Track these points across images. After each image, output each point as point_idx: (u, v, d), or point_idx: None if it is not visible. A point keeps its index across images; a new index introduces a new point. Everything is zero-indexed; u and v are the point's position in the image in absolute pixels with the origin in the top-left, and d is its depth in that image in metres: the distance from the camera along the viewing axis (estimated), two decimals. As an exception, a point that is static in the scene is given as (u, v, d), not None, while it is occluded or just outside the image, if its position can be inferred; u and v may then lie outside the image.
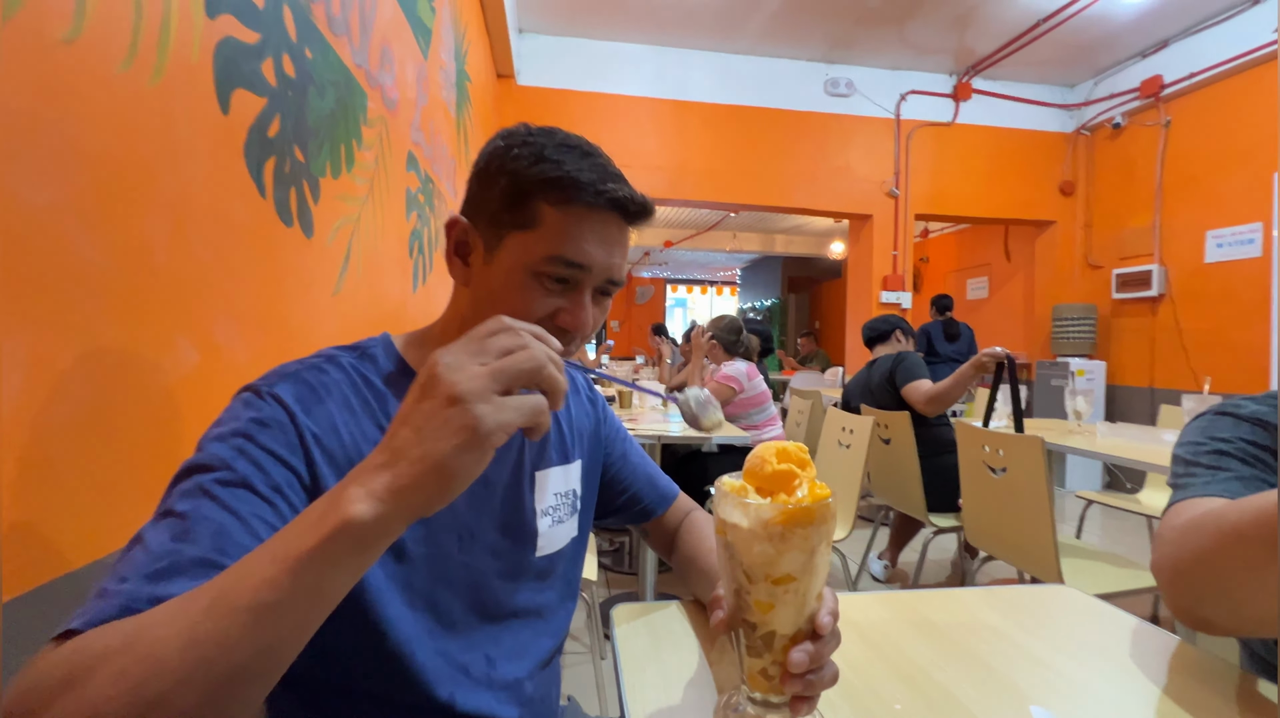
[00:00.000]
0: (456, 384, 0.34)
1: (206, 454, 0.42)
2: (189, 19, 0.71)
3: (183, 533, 0.37)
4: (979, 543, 1.87)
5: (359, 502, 0.32)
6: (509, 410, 0.35)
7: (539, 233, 0.52)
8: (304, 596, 0.31)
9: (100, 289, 0.58)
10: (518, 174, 0.52)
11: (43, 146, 0.51)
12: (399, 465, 0.33)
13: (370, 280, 1.40)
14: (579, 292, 0.54)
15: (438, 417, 0.34)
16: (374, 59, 1.37)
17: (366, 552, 0.33)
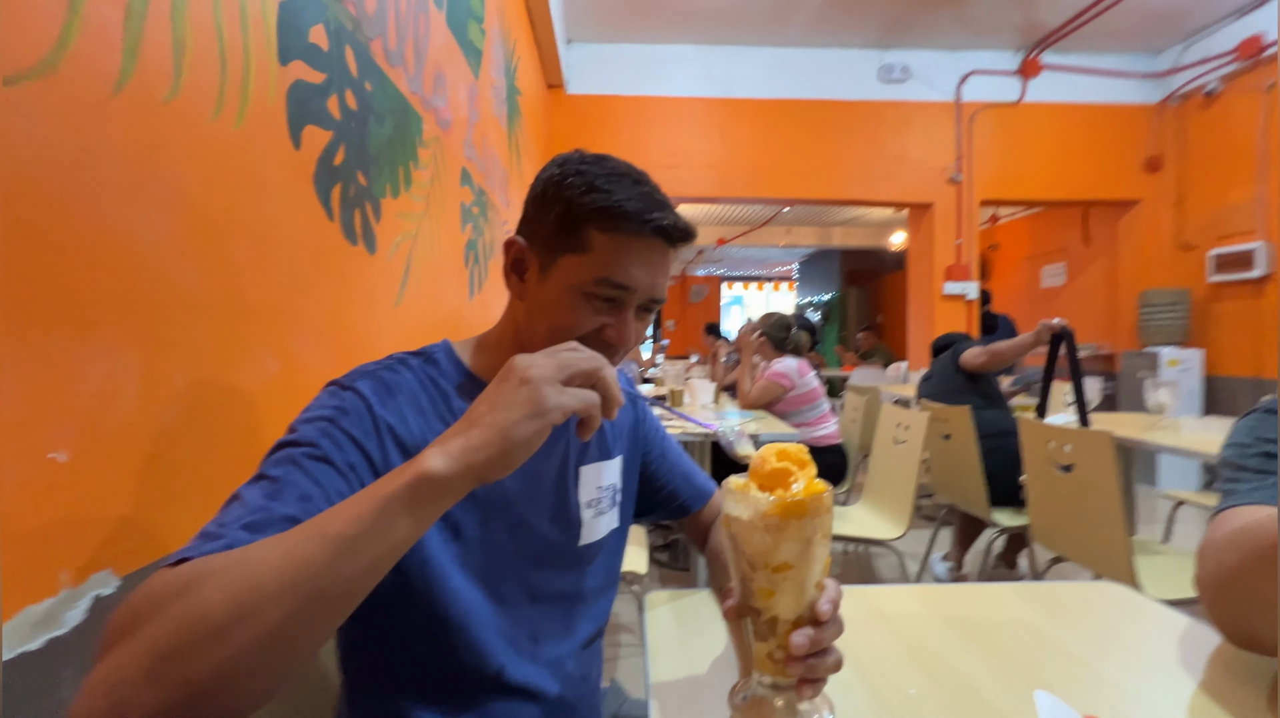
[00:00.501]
0: (528, 369, 0.42)
1: (298, 433, 0.50)
2: (265, 68, 0.80)
3: (274, 493, 0.44)
4: (1048, 543, 1.78)
5: (434, 458, 0.38)
6: (568, 395, 0.42)
7: (589, 257, 0.57)
8: (380, 533, 0.37)
9: (198, 311, 0.68)
10: (571, 202, 0.57)
11: (151, 192, 0.61)
12: (471, 431, 0.40)
13: (428, 291, 1.50)
14: (623, 310, 0.59)
15: (509, 393, 0.41)
16: (428, 84, 1.47)
17: (436, 501, 0.39)
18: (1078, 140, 4.39)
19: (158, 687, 0.32)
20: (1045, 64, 4.35)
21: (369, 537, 0.36)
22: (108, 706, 0.32)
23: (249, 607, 0.33)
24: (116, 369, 0.57)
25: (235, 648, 0.33)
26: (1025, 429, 1.80)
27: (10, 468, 0.46)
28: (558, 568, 0.66)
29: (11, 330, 0.46)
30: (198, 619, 0.33)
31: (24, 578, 0.47)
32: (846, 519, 2.12)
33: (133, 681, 0.32)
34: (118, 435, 0.56)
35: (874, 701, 0.50)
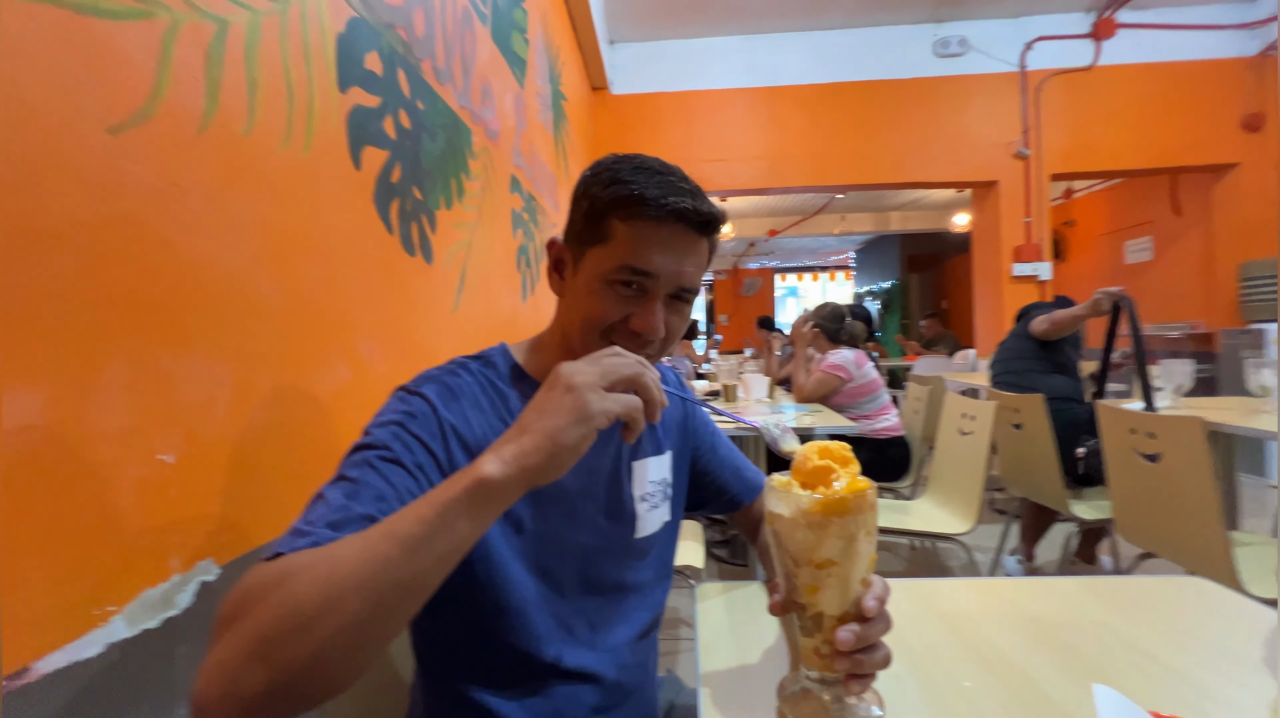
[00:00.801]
0: (573, 377, 0.44)
1: (372, 437, 0.54)
2: (327, 96, 0.87)
3: (353, 493, 0.49)
4: (1134, 538, 1.67)
5: (490, 464, 0.41)
6: (610, 400, 0.44)
7: (611, 246, 0.58)
8: (443, 533, 0.40)
9: (277, 324, 0.74)
10: (595, 197, 0.59)
11: (234, 219, 0.67)
12: (523, 438, 0.43)
13: (483, 296, 1.56)
14: (650, 298, 0.59)
15: (556, 400, 0.44)
16: (475, 98, 1.53)
17: (493, 503, 0.42)
18: (1162, 103, 4.05)
19: (263, 668, 0.36)
20: (1121, 23, 4.03)
21: (434, 536, 0.40)
22: (223, 685, 0.37)
23: (335, 598, 0.37)
24: (212, 380, 0.63)
25: (325, 634, 0.37)
26: (1105, 416, 1.68)
27: (128, 469, 0.53)
28: (614, 560, 0.68)
29: (125, 349, 0.53)
30: (293, 610, 0.38)
31: (143, 565, 0.54)
32: (911, 514, 2.05)
33: (242, 664, 0.37)
34: (214, 439, 0.63)
35: (927, 693, 0.49)
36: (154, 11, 0.57)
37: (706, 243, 0.62)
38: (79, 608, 0.48)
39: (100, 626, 0.49)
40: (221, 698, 0.37)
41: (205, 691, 0.37)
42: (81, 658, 0.48)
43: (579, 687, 0.64)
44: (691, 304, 0.65)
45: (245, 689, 0.36)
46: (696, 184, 0.61)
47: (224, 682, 0.37)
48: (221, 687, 0.37)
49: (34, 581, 0.45)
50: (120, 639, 0.51)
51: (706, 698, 0.50)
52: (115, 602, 0.51)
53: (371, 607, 0.38)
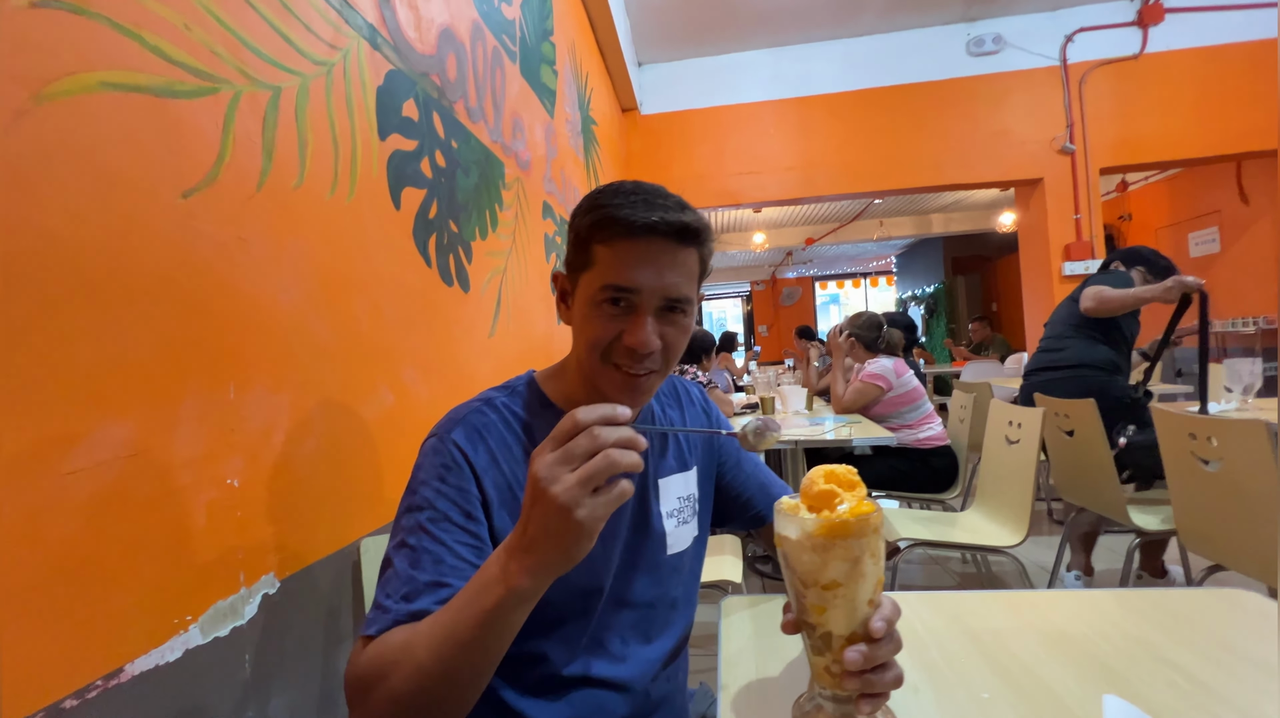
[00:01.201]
0: (558, 498, 0.45)
1: (419, 497, 0.60)
2: (368, 145, 0.94)
3: (414, 562, 0.56)
4: (1200, 550, 1.58)
5: (518, 577, 0.48)
6: (600, 507, 0.46)
7: (595, 269, 0.61)
8: (491, 635, 0.49)
9: (328, 357, 0.81)
10: (578, 227, 0.63)
11: (289, 264, 0.75)
12: (537, 552, 0.47)
13: (519, 320, 1.63)
14: (638, 313, 0.60)
15: (553, 523, 0.46)
16: (507, 132, 1.62)
17: (525, 605, 0.49)
18: (1220, 86, 3.84)
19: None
20: (1169, 7, 3.86)
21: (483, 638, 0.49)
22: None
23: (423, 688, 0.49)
24: (271, 410, 0.70)
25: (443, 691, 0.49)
26: (1161, 420, 1.61)
27: (202, 492, 0.59)
28: (645, 576, 0.71)
29: (198, 385, 0.60)
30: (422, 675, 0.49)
31: (215, 579, 0.60)
32: (959, 526, 1.99)
33: None
34: (274, 464, 0.69)
35: (944, 703, 0.50)
36: (218, 87, 0.64)
37: (693, 252, 0.62)
38: (163, 616, 0.54)
39: (180, 633, 0.56)
40: None
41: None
42: (165, 662, 0.54)
43: (609, 696, 0.67)
44: (688, 315, 0.64)
45: None
46: (678, 198, 0.62)
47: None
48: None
49: (127, 590, 0.51)
50: (195, 646, 0.57)
51: (725, 709, 0.52)
52: (193, 612, 0.57)
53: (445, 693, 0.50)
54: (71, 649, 0.47)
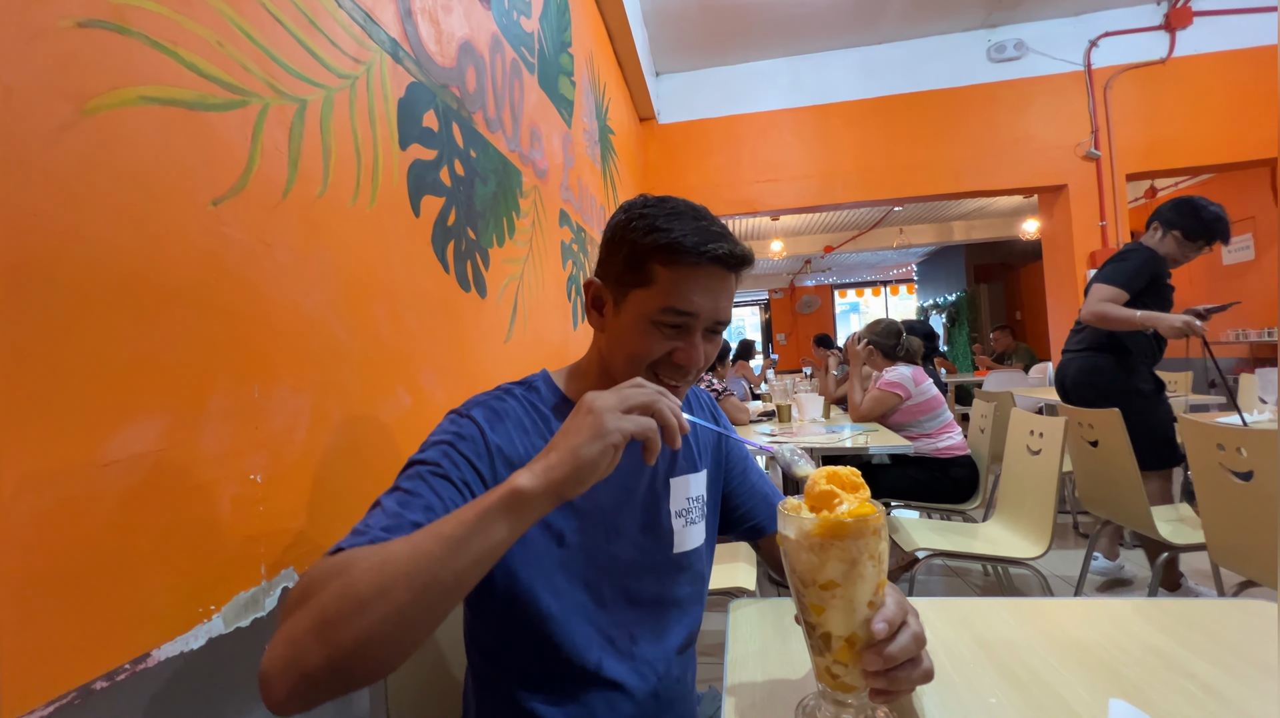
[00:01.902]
0: (594, 402, 0.50)
1: (425, 454, 0.61)
2: (389, 154, 0.98)
3: (405, 503, 0.56)
4: (1230, 564, 1.53)
5: (523, 477, 0.47)
6: (626, 421, 0.49)
7: (654, 289, 0.64)
8: (481, 535, 0.46)
9: (349, 360, 0.84)
10: (635, 243, 0.65)
11: (312, 269, 0.77)
12: (550, 455, 0.48)
13: (535, 326, 1.65)
14: (691, 334, 0.65)
15: (579, 422, 0.49)
16: (524, 141, 1.65)
17: (525, 512, 0.47)
18: (1251, 90, 3.75)
19: (322, 645, 0.42)
20: (1198, 10, 3.79)
21: (472, 538, 0.46)
22: (289, 656, 0.43)
23: (386, 587, 0.43)
24: (293, 409, 0.72)
25: (376, 618, 0.42)
26: (1189, 431, 1.57)
27: (226, 487, 0.62)
28: (652, 574, 0.72)
29: (224, 385, 0.62)
30: (350, 595, 0.43)
31: (237, 571, 0.62)
32: (979, 538, 1.96)
33: (305, 638, 0.43)
34: (295, 461, 0.72)
35: (950, 707, 0.50)
36: (248, 100, 0.68)
37: (735, 279, 0.67)
38: (189, 605, 0.57)
39: (204, 622, 0.58)
40: (285, 669, 0.42)
41: (271, 662, 0.43)
42: (189, 649, 0.56)
43: (618, 695, 0.67)
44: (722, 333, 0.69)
45: (306, 663, 0.42)
46: (723, 224, 0.66)
47: (289, 655, 0.42)
48: (286, 659, 0.42)
49: (155, 579, 0.53)
50: (219, 635, 0.59)
51: (730, 711, 0.53)
52: (216, 602, 0.59)
53: (414, 596, 0.43)
54: (102, 634, 0.49)
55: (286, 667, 0.42)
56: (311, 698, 0.43)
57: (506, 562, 0.63)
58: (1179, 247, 2.14)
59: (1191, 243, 2.12)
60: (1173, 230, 2.15)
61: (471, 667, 0.73)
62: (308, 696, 0.42)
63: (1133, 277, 2.11)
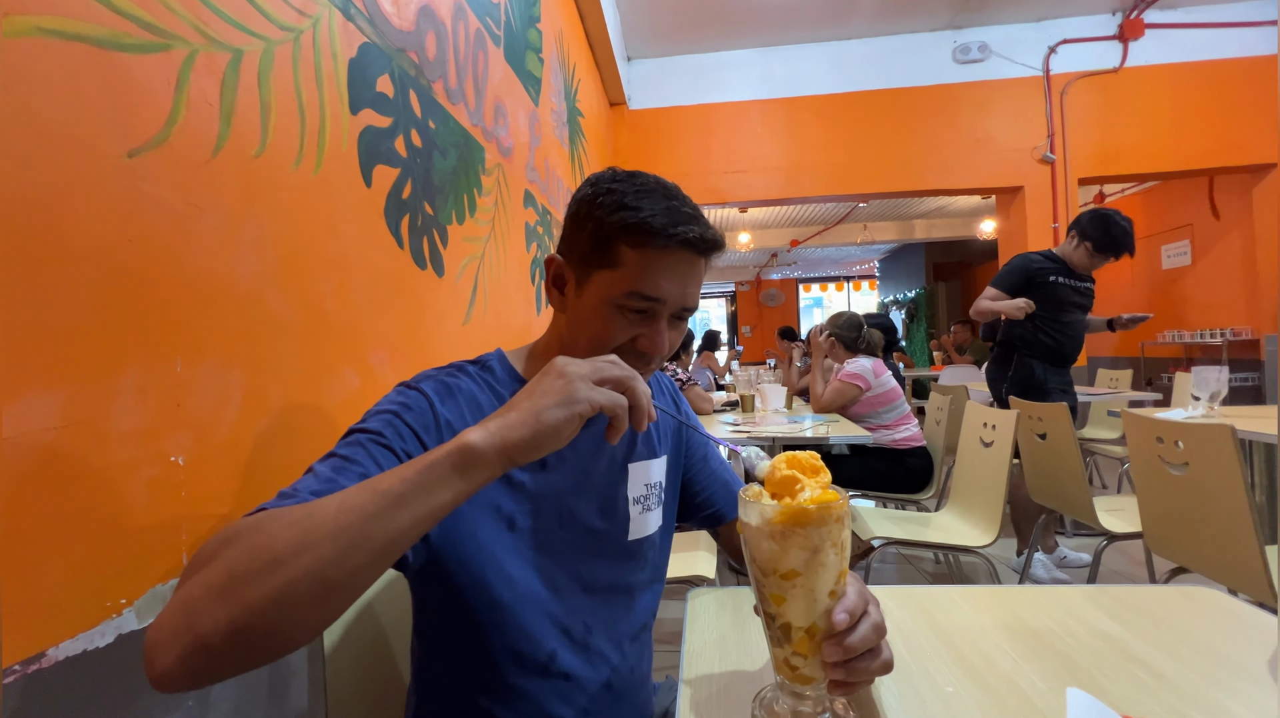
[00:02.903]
0: (566, 367, 0.47)
1: (367, 423, 0.57)
2: (338, 119, 0.91)
3: (340, 469, 0.51)
4: (1164, 552, 1.60)
5: (475, 433, 0.43)
6: (597, 392, 0.46)
7: (620, 271, 0.60)
8: (422, 492, 0.41)
9: (289, 335, 0.78)
10: (601, 221, 0.61)
11: (247, 236, 0.71)
12: (509, 414, 0.44)
13: (496, 309, 1.60)
14: (656, 320, 0.62)
15: (546, 384, 0.46)
16: (488, 116, 1.58)
17: (472, 471, 0.42)
18: (1195, 103, 3.93)
19: (225, 605, 0.36)
20: (1150, 23, 3.94)
21: (412, 495, 0.41)
22: (182, 618, 0.37)
23: (308, 542, 0.38)
24: (223, 387, 0.67)
25: (292, 576, 0.37)
26: (1130, 423, 1.63)
27: (141, 469, 0.56)
28: (608, 560, 0.69)
29: (139, 357, 0.56)
30: (264, 548, 0.38)
31: (155, 561, 0.57)
32: (932, 526, 2.01)
33: (206, 598, 0.37)
34: (225, 443, 0.66)
35: (908, 697, 0.49)
36: (171, 44, 0.61)
37: (705, 263, 0.64)
38: (92, 600, 0.51)
39: (113, 617, 0.53)
40: (177, 634, 0.36)
41: (161, 626, 0.37)
42: (94, 647, 0.51)
43: (571, 687, 0.65)
44: (688, 320, 0.66)
45: (203, 626, 0.36)
46: (693, 203, 0.63)
47: (184, 618, 0.37)
48: (179, 622, 0.37)
49: (49, 572, 0.48)
50: (130, 631, 0.54)
51: (685, 702, 0.51)
52: (129, 595, 0.54)
53: (341, 554, 0.38)
54: (-13, 632, 0.44)
55: (178, 631, 0.37)
56: (202, 670, 0.37)
57: (457, 549, 0.59)
58: (1089, 257, 2.37)
59: (1100, 255, 2.35)
60: (1085, 241, 2.37)
61: (417, 665, 0.69)
62: (199, 667, 0.36)
63: (1005, 277, 2.44)
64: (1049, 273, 2.41)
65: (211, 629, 0.36)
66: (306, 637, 0.39)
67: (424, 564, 0.59)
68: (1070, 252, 2.40)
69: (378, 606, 0.74)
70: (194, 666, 0.36)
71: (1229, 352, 4.33)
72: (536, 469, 0.65)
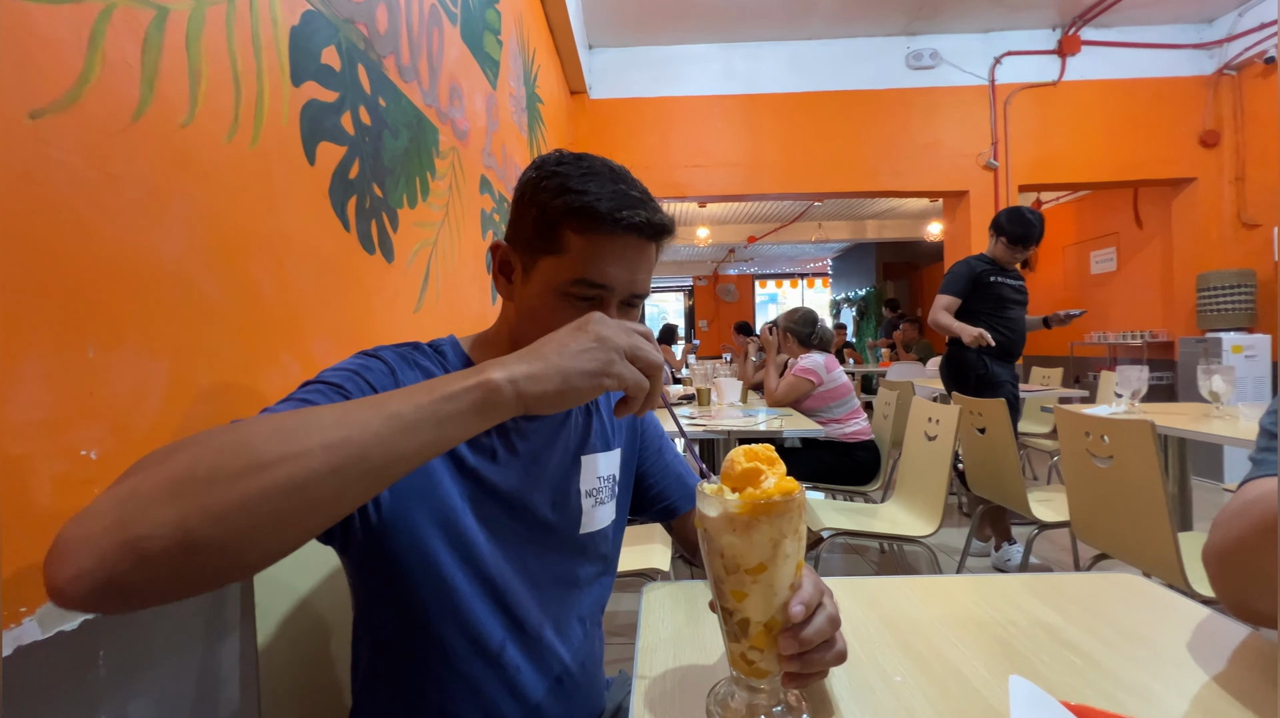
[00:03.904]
0: (609, 335, 0.45)
1: (322, 376, 0.53)
2: (278, 90, 0.85)
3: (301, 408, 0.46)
4: (1088, 539, 1.71)
5: (499, 372, 0.41)
6: (629, 369, 0.45)
7: (565, 258, 0.58)
8: (433, 423, 0.38)
9: (221, 319, 0.73)
10: (545, 205, 0.58)
11: (173, 211, 0.66)
12: (534, 362, 0.42)
13: (449, 297, 1.55)
14: (604, 307, 0.59)
15: (581, 343, 0.44)
16: (443, 97, 1.52)
17: (487, 413, 0.40)
18: (1125, 118, 4.18)
19: (174, 505, 0.31)
20: (1086, 40, 4.16)
21: (425, 422, 0.38)
22: (116, 514, 0.31)
23: (296, 449, 0.34)
24: (144, 375, 0.61)
25: (269, 484, 0.32)
26: (1061, 418, 1.73)
27: (46, 464, 0.51)
28: (558, 553, 0.68)
29: (44, 341, 0.51)
30: (240, 448, 0.33)
31: (60, 565, 0.52)
32: (878, 517, 2.08)
33: (154, 494, 0.31)
34: (145, 436, 0.61)
35: (859, 688, 0.49)
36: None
37: (655, 248, 0.62)
38: (-15, 608, 0.46)
39: (11, 627, 0.48)
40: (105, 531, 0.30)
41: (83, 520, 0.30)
42: (-13, 661, 0.46)
43: (521, 681, 0.63)
44: (640, 307, 0.65)
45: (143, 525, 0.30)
46: (643, 186, 0.61)
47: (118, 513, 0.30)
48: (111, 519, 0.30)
49: (-68, 580, 0.43)
50: (32, 642, 0.49)
51: (639, 697, 0.50)
52: (28, 603, 0.49)
53: (332, 470, 0.34)
54: None
55: (107, 528, 0.30)
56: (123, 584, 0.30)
57: (407, 525, 0.57)
58: (1007, 250, 2.55)
59: (1014, 248, 2.54)
60: (1001, 236, 2.55)
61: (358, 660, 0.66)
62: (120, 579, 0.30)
63: (953, 283, 2.60)
64: (989, 274, 2.57)
65: (153, 531, 0.30)
66: (260, 561, 0.34)
67: (369, 542, 0.56)
68: (994, 250, 2.58)
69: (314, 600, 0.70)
70: (115, 575, 0.30)
71: (1148, 352, 4.65)
72: (488, 459, 0.63)
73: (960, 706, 0.46)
